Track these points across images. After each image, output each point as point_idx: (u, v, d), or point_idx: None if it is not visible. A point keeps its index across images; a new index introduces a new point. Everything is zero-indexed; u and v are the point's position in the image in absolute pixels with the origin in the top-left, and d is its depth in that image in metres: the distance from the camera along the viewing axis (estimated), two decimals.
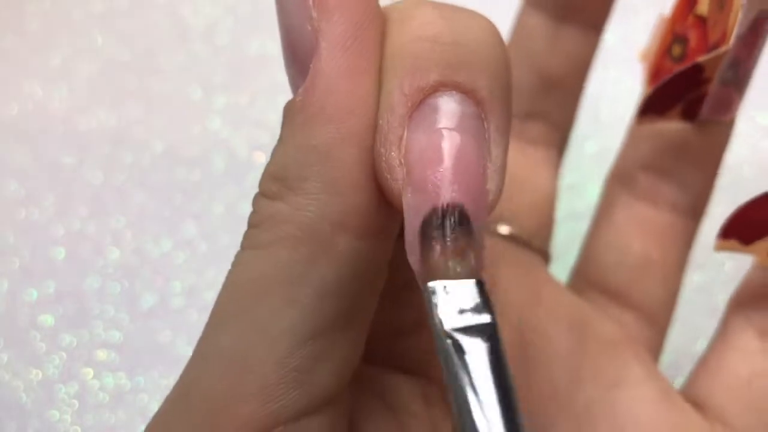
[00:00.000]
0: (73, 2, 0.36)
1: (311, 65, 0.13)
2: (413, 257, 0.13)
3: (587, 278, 0.22)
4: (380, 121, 0.13)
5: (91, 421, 0.28)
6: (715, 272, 0.30)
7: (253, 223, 0.14)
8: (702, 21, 0.20)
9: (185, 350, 0.29)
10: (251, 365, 0.14)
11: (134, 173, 0.32)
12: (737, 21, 0.18)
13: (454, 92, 0.13)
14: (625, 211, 0.22)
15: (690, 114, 0.21)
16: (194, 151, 0.33)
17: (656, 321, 0.22)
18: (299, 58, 0.14)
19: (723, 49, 0.18)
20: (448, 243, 0.13)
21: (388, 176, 0.13)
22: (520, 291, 0.20)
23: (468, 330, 0.12)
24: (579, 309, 0.20)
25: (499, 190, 0.13)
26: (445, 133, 0.13)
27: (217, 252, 0.31)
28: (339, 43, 0.13)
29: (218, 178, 0.32)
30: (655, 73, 0.22)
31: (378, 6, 0.14)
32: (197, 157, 0.32)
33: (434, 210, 0.13)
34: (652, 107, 0.21)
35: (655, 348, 0.22)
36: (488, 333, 0.12)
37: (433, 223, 0.13)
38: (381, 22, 0.14)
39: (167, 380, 0.28)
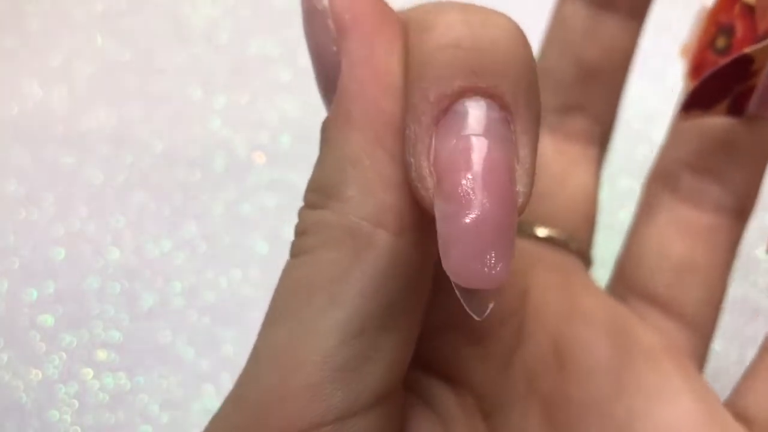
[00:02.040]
0: (73, 2, 0.36)
1: (338, 83, 0.15)
2: (446, 262, 0.13)
3: (627, 283, 0.21)
4: (407, 132, 0.14)
5: (91, 421, 0.28)
6: None
7: (299, 232, 0.15)
8: (750, 10, 0.19)
9: (185, 350, 0.29)
10: (298, 364, 0.14)
11: (134, 173, 0.32)
12: None
13: (479, 98, 0.13)
14: (666, 212, 0.21)
15: (737, 109, 0.20)
16: (194, 151, 0.33)
17: (699, 328, 0.21)
18: (329, 78, 0.15)
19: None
20: None
21: (419, 185, 0.13)
22: (557, 297, 0.20)
23: None
24: (619, 315, 0.20)
25: (529, 191, 0.14)
26: (473, 139, 0.13)
27: (217, 252, 0.31)
28: (357, 57, 0.14)
29: (218, 178, 0.32)
30: (696, 67, 0.21)
31: (392, 14, 0.15)
32: (197, 157, 0.32)
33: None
34: (697, 102, 0.20)
35: (698, 356, 0.21)
36: None
37: None
38: (397, 30, 0.15)
39: (167, 380, 0.28)
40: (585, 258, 0.22)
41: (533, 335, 0.19)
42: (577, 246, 0.21)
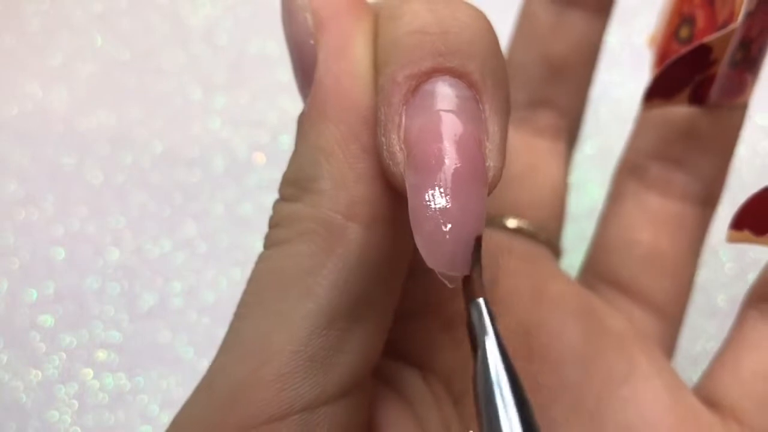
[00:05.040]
0: (73, 2, 0.36)
1: (314, 76, 0.15)
2: (417, 239, 0.13)
3: (597, 271, 0.22)
4: (378, 115, 0.14)
5: (91, 422, 0.28)
6: (714, 272, 0.30)
7: (273, 223, 0.15)
8: (709, 0, 0.19)
9: (185, 350, 0.29)
10: (269, 353, 0.14)
11: (134, 173, 0.32)
12: (744, 1, 0.17)
13: (447, 77, 0.14)
14: (634, 201, 0.22)
15: (698, 98, 0.20)
16: (194, 151, 0.33)
17: (667, 314, 0.21)
18: (307, 72, 0.15)
19: (730, 27, 0.18)
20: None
21: (390, 162, 0.14)
22: (527, 285, 0.20)
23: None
24: (587, 303, 0.20)
25: (500, 167, 0.14)
26: (441, 114, 0.13)
27: (217, 252, 0.31)
28: (333, 51, 0.15)
29: (218, 178, 0.32)
30: (662, 57, 0.21)
31: (367, 8, 0.15)
32: (197, 157, 0.32)
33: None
34: (658, 91, 0.20)
35: (666, 342, 0.21)
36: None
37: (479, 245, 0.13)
38: (371, 23, 0.15)
39: (167, 381, 0.28)
40: (554, 248, 0.22)
41: (503, 322, 0.19)
42: (546, 237, 0.22)
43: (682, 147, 0.21)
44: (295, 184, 0.15)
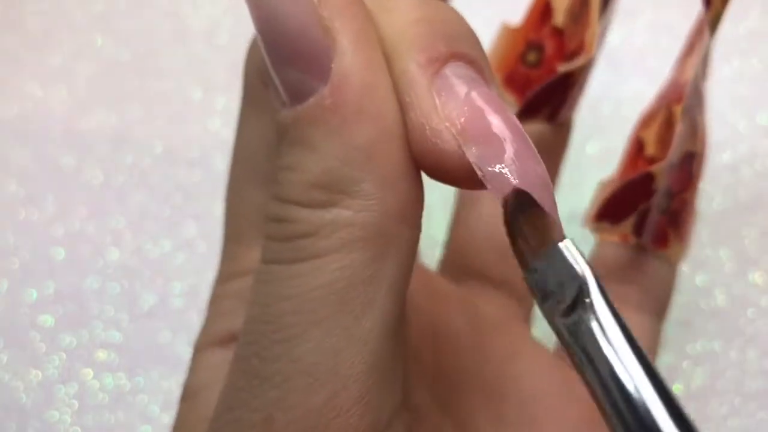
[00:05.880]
0: (73, 2, 0.36)
1: (333, 64, 0.13)
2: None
3: (457, 265, 0.23)
4: (406, 99, 0.13)
5: (91, 422, 0.28)
6: (715, 272, 0.30)
7: (300, 234, 0.14)
8: (558, 32, 0.21)
9: (185, 351, 0.29)
10: (343, 377, 0.13)
11: (134, 173, 0.32)
12: (596, 34, 0.20)
13: (460, 63, 0.14)
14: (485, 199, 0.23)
15: (554, 115, 0.22)
16: (194, 151, 0.33)
17: (525, 298, 0.22)
18: (307, 59, 0.14)
19: (583, 57, 0.20)
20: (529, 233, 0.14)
21: (438, 141, 0.13)
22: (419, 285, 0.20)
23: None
24: (463, 294, 0.21)
25: None
26: (473, 92, 0.13)
27: (217, 252, 0.31)
28: (358, 39, 0.13)
29: (218, 178, 0.32)
30: (507, 79, 0.23)
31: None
32: (197, 157, 0.32)
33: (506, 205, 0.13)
34: (527, 111, 0.22)
35: (528, 319, 0.23)
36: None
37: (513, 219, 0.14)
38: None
39: (167, 381, 0.28)
40: None
41: (415, 321, 0.19)
42: None
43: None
44: (326, 188, 0.13)
